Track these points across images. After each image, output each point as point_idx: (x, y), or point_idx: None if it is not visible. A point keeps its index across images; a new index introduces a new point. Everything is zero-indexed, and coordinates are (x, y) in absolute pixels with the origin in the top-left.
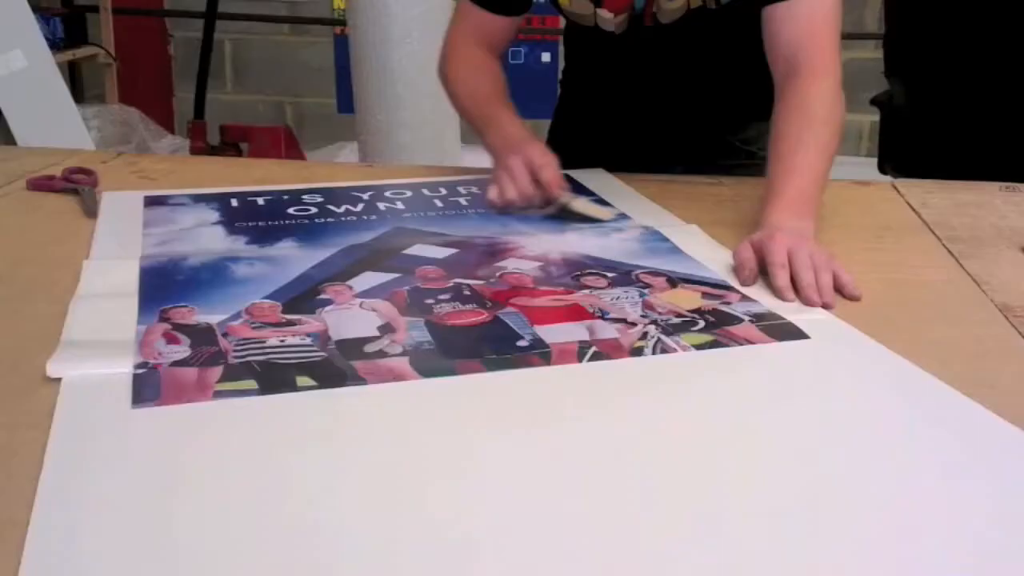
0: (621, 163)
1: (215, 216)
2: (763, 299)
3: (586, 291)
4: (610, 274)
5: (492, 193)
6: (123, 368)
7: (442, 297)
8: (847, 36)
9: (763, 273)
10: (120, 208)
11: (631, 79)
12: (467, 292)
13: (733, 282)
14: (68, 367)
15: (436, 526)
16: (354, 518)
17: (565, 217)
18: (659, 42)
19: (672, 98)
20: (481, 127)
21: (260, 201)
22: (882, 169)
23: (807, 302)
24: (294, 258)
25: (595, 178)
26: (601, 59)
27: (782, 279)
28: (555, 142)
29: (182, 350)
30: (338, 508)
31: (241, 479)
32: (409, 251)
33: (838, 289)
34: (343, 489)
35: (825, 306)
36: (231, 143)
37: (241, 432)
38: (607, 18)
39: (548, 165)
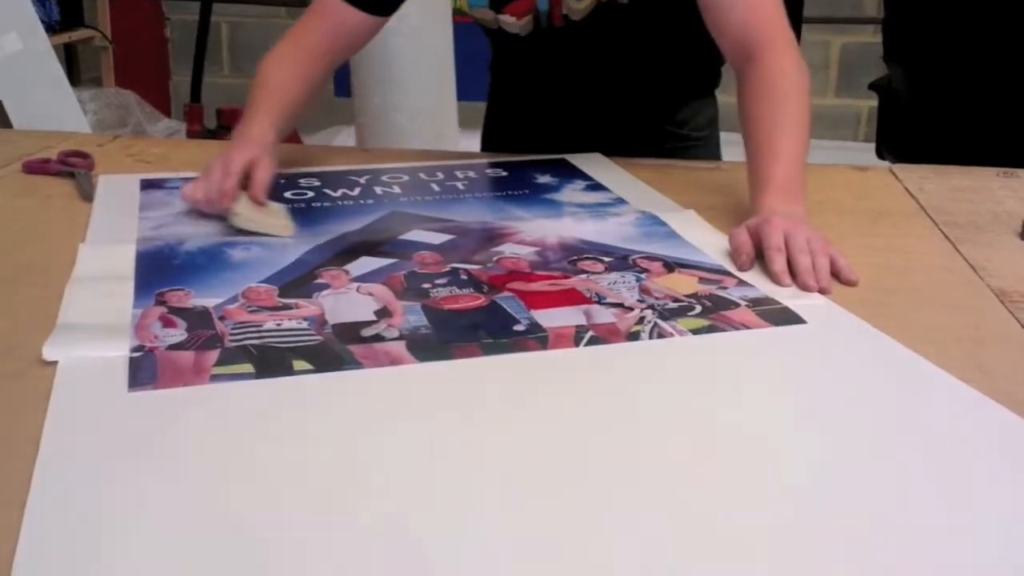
0: (554, 152)
1: None
2: (759, 284)
3: (583, 276)
4: (607, 259)
5: (185, 188)
6: (119, 351)
7: (439, 282)
8: (847, 21)
9: (760, 258)
10: (116, 191)
11: (552, 73)
12: (464, 276)
13: (730, 267)
14: (64, 350)
15: (433, 510)
16: (351, 502)
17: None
18: (574, 39)
19: (596, 88)
20: (242, 120)
21: None
22: (880, 154)
23: (803, 287)
24: (290, 242)
25: (592, 162)
26: (521, 54)
27: (779, 263)
28: (490, 129)
29: (178, 334)
30: (335, 492)
31: (237, 463)
32: (406, 236)
33: (834, 274)
34: (340, 473)
35: (822, 291)
36: (228, 127)
37: (238, 416)
38: (510, 22)
39: (232, 175)
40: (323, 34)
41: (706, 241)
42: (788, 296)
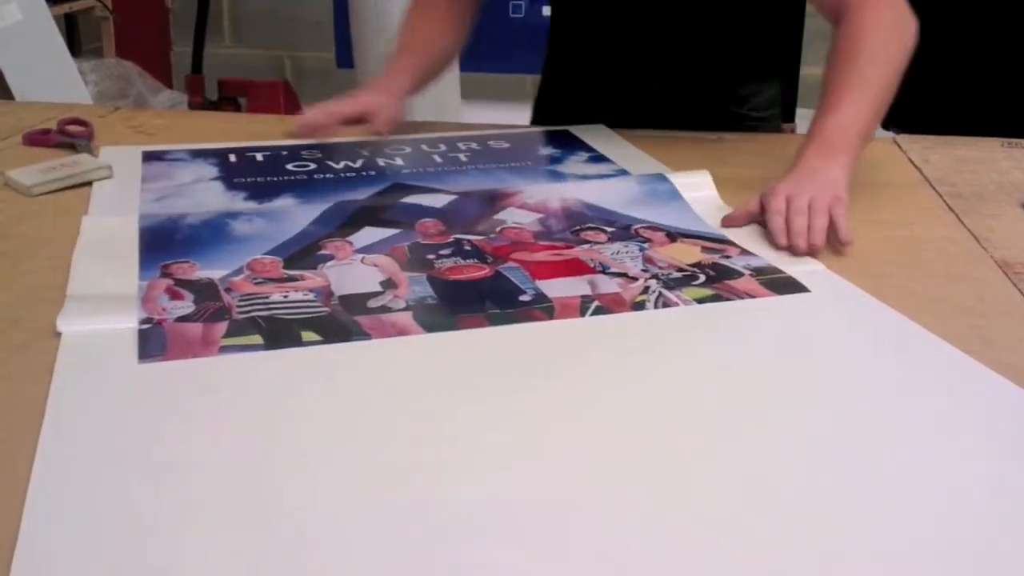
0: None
1: (214, 171)
2: (763, 253)
3: (586, 246)
4: (609, 229)
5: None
6: (128, 323)
7: (443, 252)
8: None
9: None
10: (118, 163)
11: (610, 42)
12: (468, 247)
13: (732, 237)
14: (76, 322)
15: (441, 480)
16: (360, 472)
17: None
18: (634, 6)
19: (655, 61)
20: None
21: (259, 156)
22: (884, 124)
23: (791, 248)
24: (293, 215)
25: (594, 134)
26: (586, 21)
27: (773, 224)
28: (543, 101)
29: (186, 306)
30: (344, 462)
31: (248, 432)
32: (407, 199)
33: (831, 233)
34: (349, 442)
35: (811, 248)
36: (229, 98)
37: (248, 385)
38: None
39: (344, 107)
40: None
41: (709, 211)
42: (790, 264)
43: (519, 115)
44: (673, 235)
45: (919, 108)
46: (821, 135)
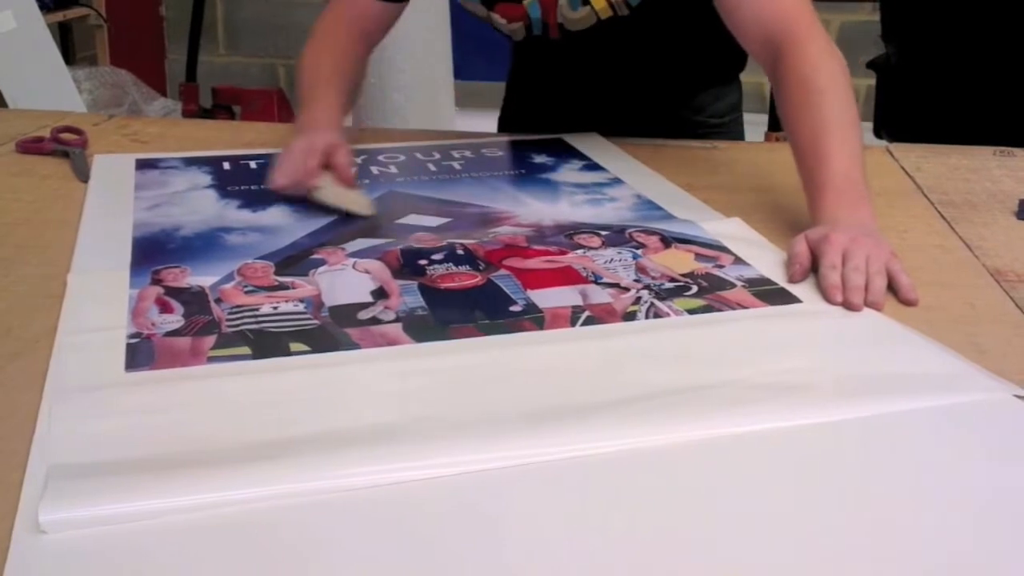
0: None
1: (207, 179)
2: (755, 263)
3: (580, 251)
4: (603, 232)
5: (270, 180)
6: (117, 338)
7: (435, 257)
8: None
9: (815, 271)
10: (111, 171)
11: (560, 69)
12: (460, 252)
13: (727, 243)
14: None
15: (433, 486)
16: (348, 473)
17: (326, 207)
18: (574, 46)
19: (607, 82)
20: (301, 105)
21: (252, 164)
22: (877, 133)
23: (847, 303)
24: (286, 224)
25: (588, 142)
26: (529, 48)
27: (831, 278)
28: (508, 111)
29: (175, 319)
30: (336, 461)
31: (234, 431)
32: (402, 221)
33: (895, 290)
34: (341, 444)
35: (871, 305)
36: (223, 106)
37: (235, 387)
38: (501, 23)
39: (316, 153)
40: (350, 22)
41: (703, 217)
42: (783, 277)
43: None
44: (667, 240)
45: (912, 117)
46: (831, 186)
